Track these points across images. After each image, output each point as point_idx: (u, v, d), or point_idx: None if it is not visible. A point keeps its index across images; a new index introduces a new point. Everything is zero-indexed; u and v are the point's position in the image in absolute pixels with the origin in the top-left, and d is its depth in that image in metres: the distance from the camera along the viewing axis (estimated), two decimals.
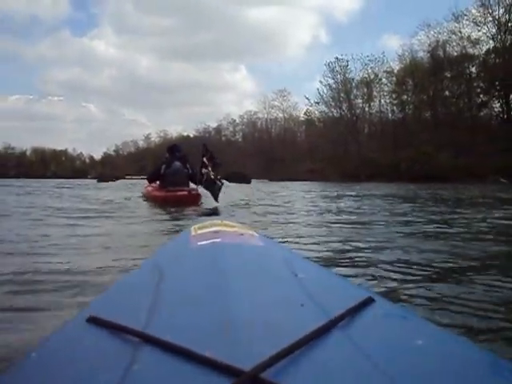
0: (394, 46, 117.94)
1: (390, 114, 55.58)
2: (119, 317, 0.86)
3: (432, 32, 48.22)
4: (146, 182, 12.68)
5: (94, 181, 12.32)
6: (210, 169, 10.63)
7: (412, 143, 43.68)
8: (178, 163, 11.34)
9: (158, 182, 11.70)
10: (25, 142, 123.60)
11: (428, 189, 19.34)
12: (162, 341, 0.74)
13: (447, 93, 48.03)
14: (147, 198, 11.71)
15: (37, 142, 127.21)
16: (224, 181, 11.12)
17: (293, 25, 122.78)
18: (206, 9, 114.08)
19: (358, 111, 56.70)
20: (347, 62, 55.75)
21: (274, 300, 0.98)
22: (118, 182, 13.12)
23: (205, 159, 10.78)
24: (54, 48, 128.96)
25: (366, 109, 56.99)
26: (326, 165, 50.37)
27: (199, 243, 1.48)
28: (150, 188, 11.96)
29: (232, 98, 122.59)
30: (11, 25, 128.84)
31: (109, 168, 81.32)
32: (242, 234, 1.65)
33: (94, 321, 0.87)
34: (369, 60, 55.07)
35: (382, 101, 55.84)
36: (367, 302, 0.93)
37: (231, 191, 11.59)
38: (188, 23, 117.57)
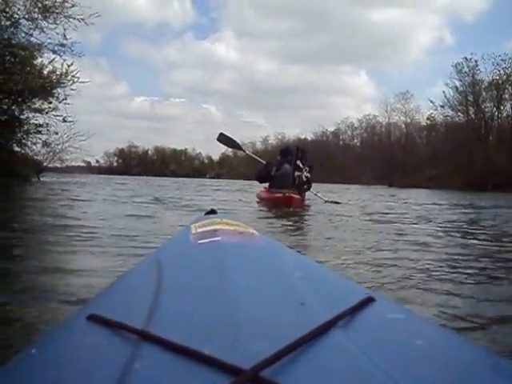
0: None
1: None
2: (119, 314, 0.86)
3: None
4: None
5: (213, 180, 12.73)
6: (304, 171, 11.36)
7: None
8: (287, 166, 11.58)
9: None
10: (147, 141, 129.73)
11: None
12: (161, 339, 0.74)
13: None
14: (258, 198, 12.32)
15: (158, 141, 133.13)
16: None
17: (416, 27, 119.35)
18: (326, 11, 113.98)
19: (486, 115, 53.05)
20: (476, 62, 52.45)
21: (273, 298, 0.97)
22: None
23: (299, 162, 11.36)
24: (179, 51, 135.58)
25: (496, 113, 53.27)
26: (449, 172, 47.76)
27: (199, 241, 1.48)
28: (261, 189, 12.55)
29: (350, 101, 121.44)
30: (143, 30, 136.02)
31: (226, 168, 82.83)
32: (241, 233, 1.65)
33: (93, 318, 0.87)
34: (501, 60, 51.44)
35: None
36: (368, 301, 0.92)
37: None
38: (307, 26, 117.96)
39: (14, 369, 0.78)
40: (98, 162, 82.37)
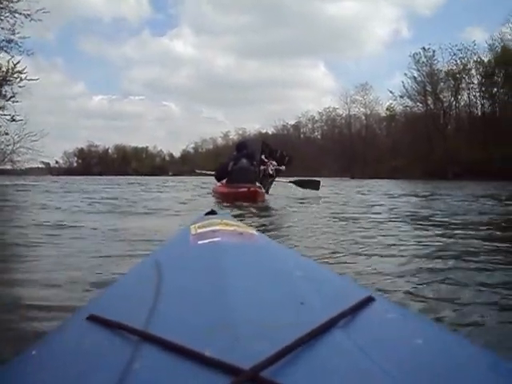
0: (480, 38, 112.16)
1: (479, 108, 52.53)
2: (119, 315, 0.87)
3: None
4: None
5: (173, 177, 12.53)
6: (269, 165, 11.43)
7: (505, 139, 40.84)
8: (244, 160, 11.49)
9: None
10: (108, 140, 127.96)
11: None
12: (161, 339, 0.75)
13: None
14: (215, 194, 12.13)
15: (119, 139, 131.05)
16: (293, 185, 12.63)
17: (372, 19, 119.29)
18: (283, 5, 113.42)
19: (444, 105, 53.67)
20: (433, 52, 52.97)
21: (273, 298, 0.97)
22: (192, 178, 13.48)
23: (263, 157, 11.46)
24: (136, 49, 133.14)
25: (454, 102, 53.95)
26: (409, 162, 48.19)
27: (199, 242, 1.48)
28: (218, 184, 12.31)
29: (310, 95, 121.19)
30: (98, 27, 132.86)
31: (188, 165, 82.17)
32: (241, 233, 1.65)
33: (93, 319, 0.88)
34: (457, 50, 52.07)
35: (471, 94, 52.83)
36: (367, 301, 0.92)
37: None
38: (265, 20, 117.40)
39: (13, 369, 0.78)
40: (57, 162, 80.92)
